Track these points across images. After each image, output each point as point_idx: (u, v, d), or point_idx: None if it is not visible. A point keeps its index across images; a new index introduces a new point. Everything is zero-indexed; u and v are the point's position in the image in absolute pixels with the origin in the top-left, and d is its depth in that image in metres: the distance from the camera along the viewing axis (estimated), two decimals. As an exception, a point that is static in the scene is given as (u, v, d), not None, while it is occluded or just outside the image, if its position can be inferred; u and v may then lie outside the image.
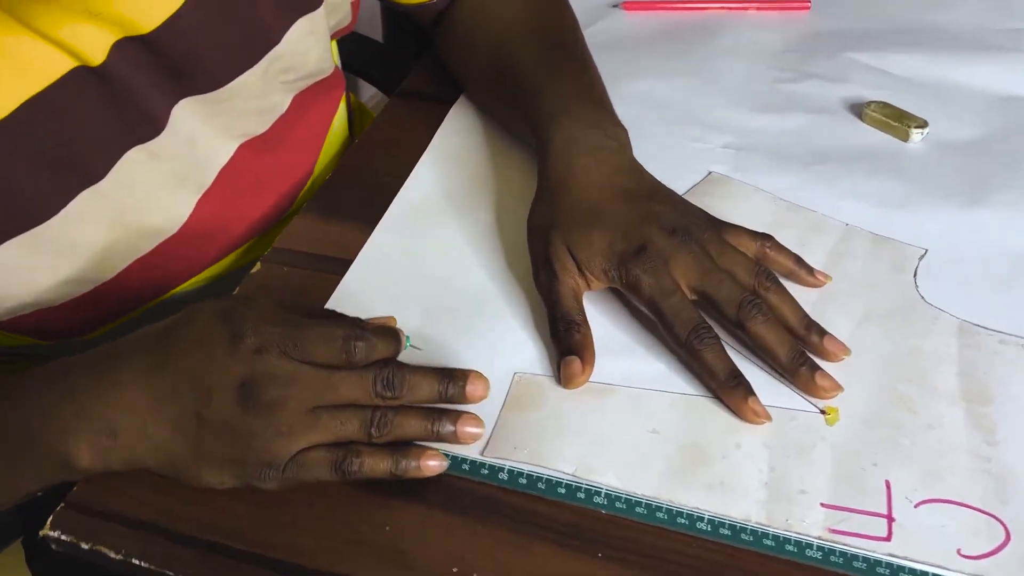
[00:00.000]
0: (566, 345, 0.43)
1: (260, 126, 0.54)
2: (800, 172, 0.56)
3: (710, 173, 0.56)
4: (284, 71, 0.52)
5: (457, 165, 0.58)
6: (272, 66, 0.50)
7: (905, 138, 0.58)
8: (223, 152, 0.52)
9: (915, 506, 0.38)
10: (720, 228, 0.46)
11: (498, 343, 0.45)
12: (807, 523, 0.37)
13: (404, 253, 0.51)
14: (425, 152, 0.58)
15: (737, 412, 0.41)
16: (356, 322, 0.39)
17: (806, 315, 0.44)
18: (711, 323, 0.43)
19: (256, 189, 0.56)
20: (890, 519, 0.37)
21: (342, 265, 0.50)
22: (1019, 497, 0.38)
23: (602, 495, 0.38)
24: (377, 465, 0.37)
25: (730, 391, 0.41)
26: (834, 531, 0.37)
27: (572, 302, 0.45)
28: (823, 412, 0.42)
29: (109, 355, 0.39)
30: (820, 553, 0.36)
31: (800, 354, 0.42)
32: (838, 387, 0.42)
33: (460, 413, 0.39)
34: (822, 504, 0.38)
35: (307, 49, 0.53)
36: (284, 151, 0.57)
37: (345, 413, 0.37)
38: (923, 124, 0.58)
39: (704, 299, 0.44)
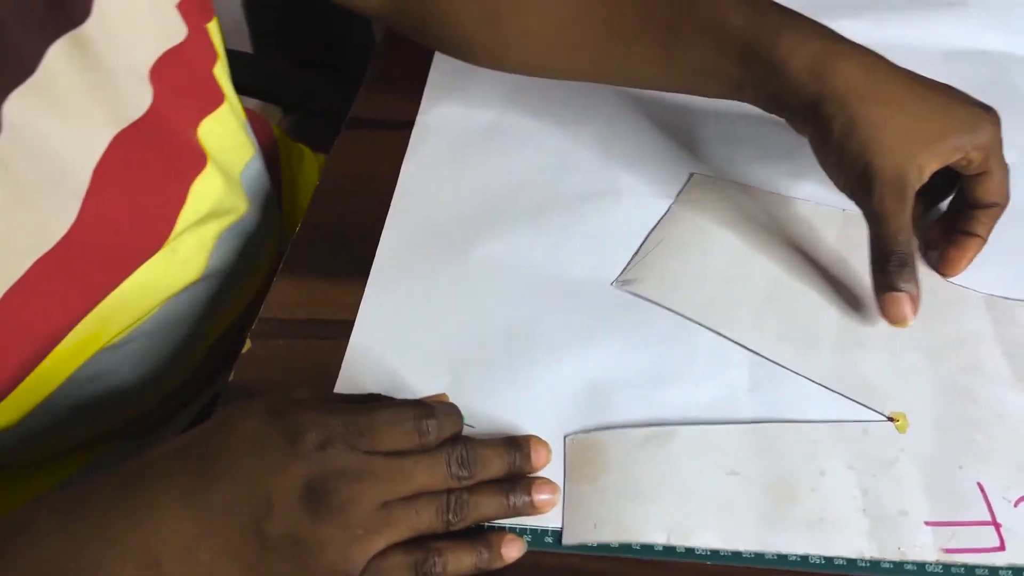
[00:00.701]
0: (897, 282, 0.41)
1: (121, 112, 0.45)
2: (786, 160, 0.53)
3: (692, 175, 0.54)
4: (108, 36, 0.42)
5: (437, 193, 0.53)
6: (94, 32, 0.41)
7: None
8: (90, 148, 0.43)
9: (1014, 505, 0.37)
10: None
11: (539, 401, 0.41)
12: (919, 547, 0.36)
13: (409, 302, 0.46)
14: (397, 185, 0.54)
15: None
16: (413, 401, 0.36)
17: None
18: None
19: (148, 186, 0.48)
20: (996, 525, 0.36)
21: (344, 328, 0.45)
22: None
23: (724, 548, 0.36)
24: (460, 562, 0.34)
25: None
26: (949, 550, 0.35)
27: (908, 231, 0.42)
28: (891, 419, 0.40)
29: (137, 477, 0.33)
30: (943, 570, 0.35)
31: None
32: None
33: (532, 481, 0.36)
34: (926, 523, 0.36)
35: (129, 8, 0.43)
36: (165, 137, 0.48)
37: (419, 503, 0.34)
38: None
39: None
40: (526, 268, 0.48)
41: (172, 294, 0.50)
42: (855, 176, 0.43)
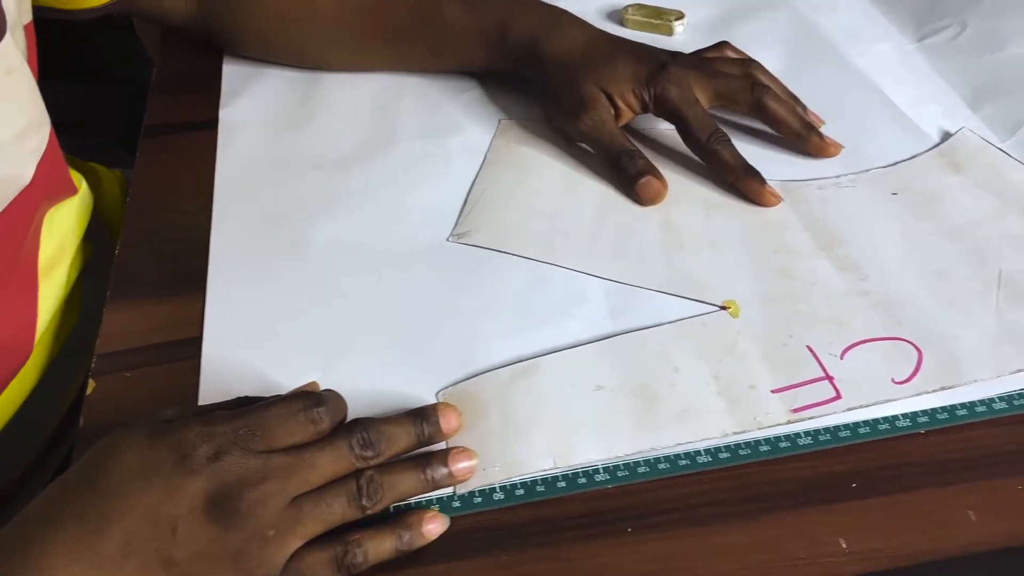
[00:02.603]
0: (635, 171, 0.49)
1: None
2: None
3: (500, 122, 0.55)
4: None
5: (259, 186, 0.51)
6: None
7: (669, 32, 0.61)
8: None
9: (840, 358, 0.41)
10: (705, 55, 0.54)
11: (405, 368, 0.41)
12: (771, 414, 0.39)
13: (256, 303, 0.45)
14: (216, 186, 0.51)
15: (756, 199, 0.48)
16: (298, 391, 0.35)
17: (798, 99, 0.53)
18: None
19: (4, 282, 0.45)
20: (830, 378, 0.40)
21: (193, 345, 0.43)
22: (908, 314, 0.42)
23: (601, 472, 0.37)
24: (381, 547, 0.33)
25: (748, 180, 0.48)
26: (795, 410, 0.39)
27: (620, 134, 0.50)
28: (724, 308, 0.43)
29: (19, 537, 0.31)
30: (789, 441, 0.38)
31: (808, 123, 0.51)
32: (840, 144, 0.51)
33: (447, 452, 0.36)
34: (772, 391, 0.40)
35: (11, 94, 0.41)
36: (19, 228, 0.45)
37: (329, 494, 0.33)
38: (681, 15, 0.61)
39: (720, 100, 0.51)
40: (368, 244, 0.48)
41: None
42: (562, 114, 0.52)
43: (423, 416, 0.36)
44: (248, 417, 0.33)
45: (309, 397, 0.34)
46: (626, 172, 0.49)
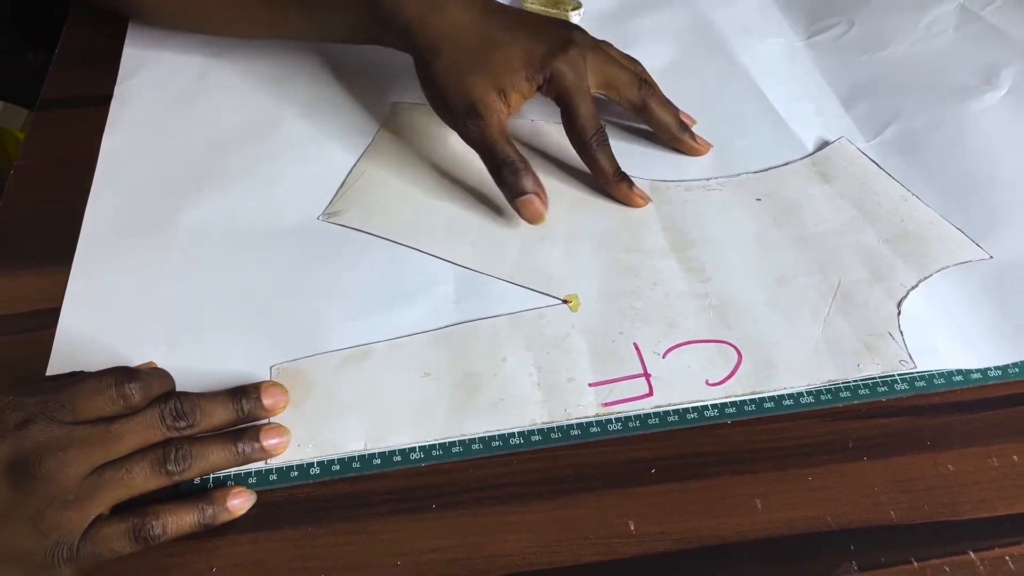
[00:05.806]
0: (519, 187, 0.47)
1: None
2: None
3: (393, 104, 0.56)
4: None
5: (141, 164, 0.53)
6: None
7: (566, 21, 0.62)
8: None
9: (663, 357, 0.42)
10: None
11: (248, 344, 0.43)
12: (583, 406, 0.40)
13: (119, 279, 0.47)
14: (99, 161, 0.53)
15: (625, 201, 0.50)
16: (117, 367, 0.37)
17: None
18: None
19: None
20: (647, 376, 0.42)
21: (50, 316, 0.45)
22: (739, 319, 0.44)
23: (416, 451, 0.39)
24: (182, 520, 0.35)
25: (617, 184, 0.49)
26: (606, 404, 0.41)
27: (507, 144, 0.48)
28: (565, 301, 0.45)
29: None
30: (599, 427, 0.40)
31: (683, 124, 0.52)
32: (710, 144, 0.52)
33: (260, 428, 0.38)
34: (590, 384, 0.41)
35: None
36: None
37: (132, 460, 0.34)
38: (578, 5, 0.62)
39: (607, 89, 0.51)
40: (236, 222, 0.49)
41: None
42: (447, 114, 0.50)
43: (244, 393, 0.38)
44: (60, 390, 0.34)
45: (123, 372, 0.35)
46: (510, 188, 0.48)
